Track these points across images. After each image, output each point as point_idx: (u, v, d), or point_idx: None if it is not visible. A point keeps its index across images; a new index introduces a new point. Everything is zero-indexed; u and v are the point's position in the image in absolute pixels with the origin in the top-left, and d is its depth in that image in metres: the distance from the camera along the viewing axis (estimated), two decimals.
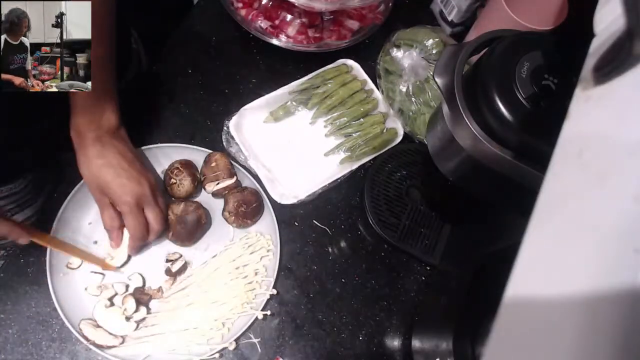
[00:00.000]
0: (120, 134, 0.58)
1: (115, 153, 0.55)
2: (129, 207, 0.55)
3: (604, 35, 0.26)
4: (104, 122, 0.56)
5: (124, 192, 0.54)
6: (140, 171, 0.57)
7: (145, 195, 0.56)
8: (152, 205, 0.57)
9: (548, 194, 0.24)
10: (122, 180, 0.54)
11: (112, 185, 0.54)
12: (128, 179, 0.55)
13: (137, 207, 0.55)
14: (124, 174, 0.55)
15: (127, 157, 0.56)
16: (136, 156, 0.58)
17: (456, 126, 0.45)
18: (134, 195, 0.55)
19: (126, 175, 0.55)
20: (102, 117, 0.55)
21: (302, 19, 0.75)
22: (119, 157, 0.55)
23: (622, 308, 0.17)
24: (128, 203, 0.54)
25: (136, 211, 0.55)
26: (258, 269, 0.62)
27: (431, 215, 0.68)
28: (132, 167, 0.56)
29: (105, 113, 0.56)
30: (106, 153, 0.55)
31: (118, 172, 0.54)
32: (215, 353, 0.58)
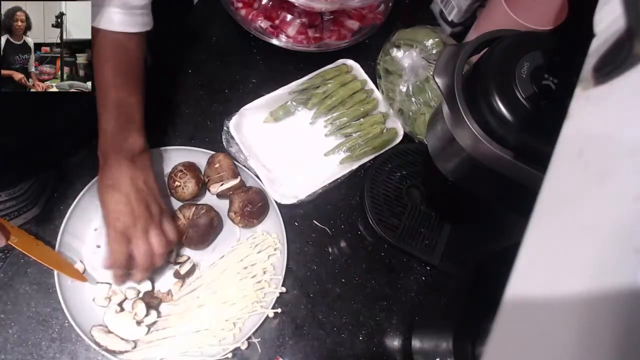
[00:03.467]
0: (142, 159, 0.58)
1: (127, 179, 0.55)
2: (113, 232, 0.54)
3: (604, 35, 0.26)
4: (127, 146, 0.56)
5: (114, 218, 0.54)
6: (143, 202, 0.55)
7: (133, 227, 0.54)
8: (138, 237, 0.54)
9: (548, 194, 0.24)
10: (118, 207, 0.54)
11: (107, 207, 0.54)
12: (124, 207, 0.54)
13: (122, 235, 0.54)
14: (124, 200, 0.54)
15: (137, 185, 0.56)
16: (149, 186, 0.57)
17: (456, 126, 0.45)
18: (122, 223, 0.54)
19: (125, 203, 0.54)
20: (126, 141, 0.57)
21: (302, 19, 0.75)
22: (129, 183, 0.55)
23: (622, 308, 0.17)
24: (114, 228, 0.54)
25: (120, 239, 0.54)
26: (266, 267, 0.63)
27: (431, 215, 0.68)
28: (137, 196, 0.55)
29: (129, 138, 0.57)
30: (119, 176, 0.55)
31: (120, 198, 0.54)
32: (228, 353, 0.58)
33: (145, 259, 0.55)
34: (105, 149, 0.56)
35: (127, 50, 0.57)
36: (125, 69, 0.57)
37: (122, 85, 0.56)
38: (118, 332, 0.57)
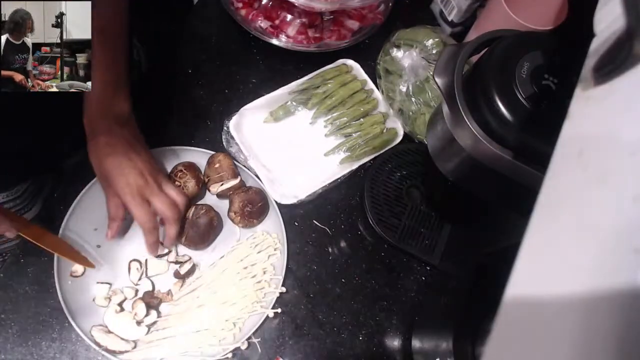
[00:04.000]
0: (131, 124, 0.58)
1: (123, 143, 0.55)
2: (130, 197, 0.54)
3: (604, 35, 0.26)
4: (115, 111, 0.56)
5: (125, 183, 0.54)
6: (145, 161, 0.56)
7: (148, 185, 0.55)
8: (156, 194, 0.56)
9: (548, 194, 0.24)
10: (124, 171, 0.54)
11: (114, 174, 0.54)
12: (131, 170, 0.54)
13: (140, 197, 0.55)
14: (127, 164, 0.54)
15: (135, 148, 0.56)
16: (144, 147, 0.58)
17: (456, 126, 0.45)
18: (134, 186, 0.54)
19: (130, 166, 0.54)
20: (114, 106, 0.56)
21: (302, 19, 0.75)
22: (127, 147, 0.55)
23: (622, 308, 0.17)
24: (129, 193, 0.54)
25: (139, 201, 0.55)
26: (266, 267, 0.63)
27: (431, 215, 0.68)
28: (138, 157, 0.56)
29: (117, 102, 0.56)
30: (114, 142, 0.55)
31: (122, 162, 0.54)
32: (228, 353, 0.58)
33: (173, 210, 0.56)
34: (93, 115, 0.55)
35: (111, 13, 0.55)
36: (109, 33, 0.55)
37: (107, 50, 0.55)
38: (118, 332, 0.57)
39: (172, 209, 0.56)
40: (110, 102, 0.56)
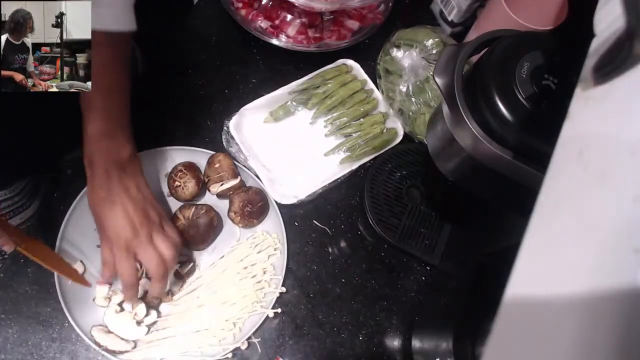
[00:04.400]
0: (132, 166, 0.56)
1: (120, 188, 0.53)
2: (117, 249, 0.52)
3: (604, 35, 0.26)
4: (115, 152, 0.54)
5: (114, 234, 0.52)
6: (141, 210, 0.54)
7: (137, 239, 0.52)
8: (144, 249, 0.53)
9: (548, 194, 0.24)
10: (115, 219, 0.52)
11: (105, 221, 0.52)
12: (121, 219, 0.52)
13: (126, 250, 0.52)
14: (121, 212, 0.52)
15: (132, 194, 0.54)
16: (143, 193, 0.55)
17: (456, 126, 0.45)
18: (123, 237, 0.52)
19: (121, 215, 0.52)
20: (114, 147, 0.54)
21: (302, 19, 0.75)
22: (123, 193, 0.53)
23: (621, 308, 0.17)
24: (117, 245, 0.52)
25: (124, 255, 0.52)
26: (266, 267, 0.63)
27: (431, 215, 0.68)
28: (134, 205, 0.53)
29: (118, 143, 0.54)
30: (111, 187, 0.53)
31: (116, 210, 0.52)
32: (228, 353, 0.58)
33: (159, 268, 0.53)
34: (92, 156, 0.53)
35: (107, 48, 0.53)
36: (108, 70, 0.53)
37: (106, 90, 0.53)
38: (118, 332, 0.57)
39: (158, 266, 0.53)
40: (109, 144, 0.53)
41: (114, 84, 0.54)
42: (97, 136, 0.53)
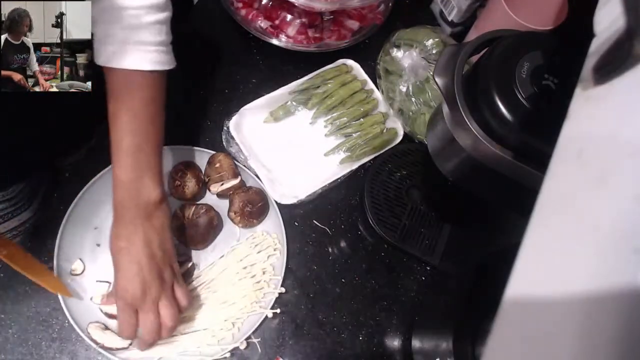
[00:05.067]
0: (159, 215, 0.54)
1: (141, 241, 0.52)
2: (122, 303, 0.51)
3: (604, 35, 0.26)
4: (143, 197, 0.52)
5: (122, 288, 0.51)
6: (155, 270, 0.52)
7: (142, 300, 0.51)
8: (146, 312, 0.51)
9: (548, 194, 0.24)
10: (128, 275, 0.51)
11: (119, 272, 0.52)
12: (135, 277, 0.51)
13: (131, 307, 0.51)
14: (134, 269, 0.51)
15: (152, 250, 0.52)
16: (164, 249, 0.54)
17: (456, 126, 0.45)
18: (129, 295, 0.51)
19: (136, 272, 0.51)
20: (142, 192, 0.52)
21: (302, 19, 0.75)
22: (144, 247, 0.51)
23: (622, 308, 0.17)
24: (122, 299, 0.51)
25: (128, 311, 0.51)
26: (265, 267, 0.62)
27: (431, 215, 0.68)
28: (149, 263, 0.51)
29: (146, 188, 0.53)
30: (133, 238, 0.51)
31: (132, 265, 0.51)
32: (226, 353, 0.58)
33: (152, 336, 0.52)
34: (120, 200, 0.52)
35: (143, 89, 0.52)
36: (141, 110, 0.52)
37: (138, 131, 0.52)
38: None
39: (152, 333, 0.52)
40: (137, 187, 0.52)
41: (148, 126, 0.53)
42: (125, 181, 0.52)
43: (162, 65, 0.52)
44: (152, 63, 0.51)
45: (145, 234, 0.52)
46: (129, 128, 0.52)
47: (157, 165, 0.54)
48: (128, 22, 0.49)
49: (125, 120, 0.51)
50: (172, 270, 0.54)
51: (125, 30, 0.49)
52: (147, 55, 0.51)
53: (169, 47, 0.54)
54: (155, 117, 0.54)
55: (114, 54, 0.50)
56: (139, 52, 0.50)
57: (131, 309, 0.51)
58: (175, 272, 0.55)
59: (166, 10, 0.52)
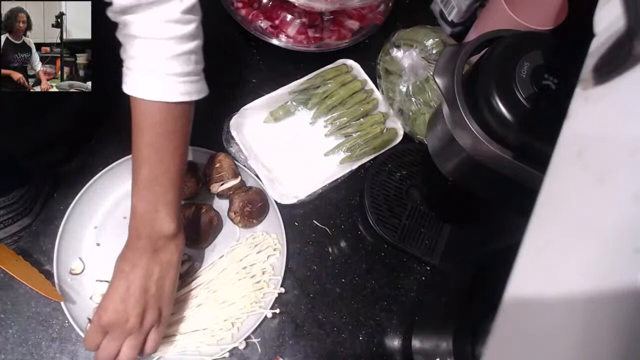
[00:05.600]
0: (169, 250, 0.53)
1: (141, 272, 0.51)
2: (95, 319, 0.50)
3: (604, 35, 0.26)
4: (156, 229, 0.52)
5: (103, 307, 0.50)
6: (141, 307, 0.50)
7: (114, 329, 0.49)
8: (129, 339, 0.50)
9: (548, 194, 0.24)
10: (114, 297, 0.50)
11: (109, 290, 0.51)
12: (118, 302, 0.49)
13: (100, 328, 0.49)
14: (122, 295, 0.50)
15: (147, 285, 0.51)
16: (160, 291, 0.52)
17: (456, 126, 0.45)
18: (105, 318, 0.49)
19: (122, 298, 0.49)
20: (156, 224, 0.51)
21: (302, 19, 0.75)
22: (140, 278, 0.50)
23: (622, 308, 0.17)
24: (96, 315, 0.50)
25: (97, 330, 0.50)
26: (265, 268, 0.63)
27: (431, 215, 0.68)
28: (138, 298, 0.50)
29: (160, 221, 0.52)
30: (136, 264, 0.51)
31: (122, 289, 0.50)
32: (225, 353, 0.58)
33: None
34: (135, 228, 0.52)
35: (167, 122, 0.51)
36: (162, 144, 0.51)
37: (157, 163, 0.51)
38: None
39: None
40: (152, 220, 0.51)
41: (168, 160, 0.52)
42: (141, 212, 0.51)
43: (189, 96, 0.51)
44: (179, 94, 0.50)
45: (148, 265, 0.51)
46: (148, 161, 0.51)
47: (175, 199, 0.53)
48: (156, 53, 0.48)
49: (145, 153, 0.50)
50: (158, 314, 0.52)
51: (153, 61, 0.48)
52: (175, 87, 0.49)
53: (200, 75, 0.53)
54: (177, 151, 0.52)
55: (139, 83, 0.49)
56: (165, 84, 0.49)
57: (101, 329, 0.50)
58: (161, 319, 0.53)
59: (197, 39, 0.51)
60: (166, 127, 0.51)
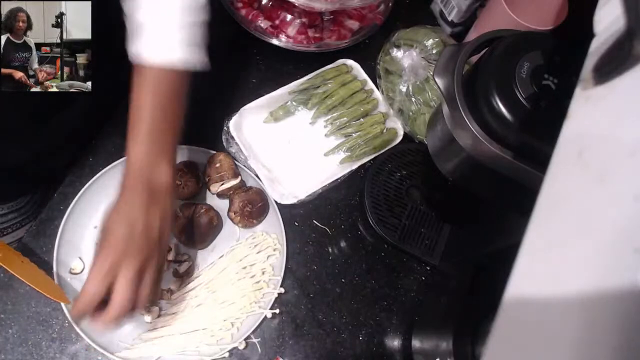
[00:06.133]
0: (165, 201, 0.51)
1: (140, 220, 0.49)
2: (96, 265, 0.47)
3: (604, 35, 0.26)
4: (154, 178, 0.51)
5: (103, 251, 0.47)
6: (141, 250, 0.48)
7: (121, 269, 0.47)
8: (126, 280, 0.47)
9: (548, 194, 0.24)
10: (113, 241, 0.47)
11: (104, 237, 0.48)
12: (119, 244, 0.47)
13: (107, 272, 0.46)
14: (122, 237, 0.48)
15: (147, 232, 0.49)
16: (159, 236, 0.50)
17: (456, 126, 0.45)
18: (109, 260, 0.47)
19: (122, 239, 0.47)
20: (154, 173, 0.51)
21: (302, 19, 0.75)
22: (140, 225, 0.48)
23: (622, 308, 0.17)
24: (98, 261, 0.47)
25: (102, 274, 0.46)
26: (265, 268, 0.63)
27: (431, 215, 0.68)
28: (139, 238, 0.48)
29: (158, 169, 0.51)
30: (131, 212, 0.49)
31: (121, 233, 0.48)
32: (225, 353, 0.58)
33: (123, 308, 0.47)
34: (130, 180, 0.50)
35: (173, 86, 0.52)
36: (166, 104, 0.52)
37: (159, 119, 0.51)
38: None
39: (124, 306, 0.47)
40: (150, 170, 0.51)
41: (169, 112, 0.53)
42: (140, 165, 0.50)
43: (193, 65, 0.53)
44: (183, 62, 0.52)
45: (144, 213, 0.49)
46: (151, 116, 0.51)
47: (173, 151, 0.53)
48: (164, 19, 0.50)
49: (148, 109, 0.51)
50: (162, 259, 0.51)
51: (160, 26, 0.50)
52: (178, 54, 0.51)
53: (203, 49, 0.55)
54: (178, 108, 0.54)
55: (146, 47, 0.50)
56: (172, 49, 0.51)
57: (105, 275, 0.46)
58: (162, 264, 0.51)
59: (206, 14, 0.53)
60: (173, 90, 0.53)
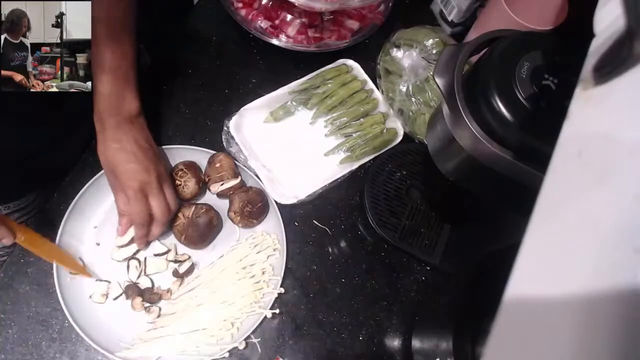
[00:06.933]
0: (139, 121, 0.60)
1: (130, 139, 0.57)
2: (132, 191, 0.56)
3: (604, 35, 0.26)
4: (124, 108, 0.57)
5: (130, 177, 0.56)
6: (151, 159, 0.58)
7: (150, 183, 0.57)
8: (156, 194, 0.57)
9: (548, 194, 0.24)
10: (130, 165, 0.56)
11: (120, 168, 0.56)
12: (137, 165, 0.56)
13: (141, 192, 0.56)
14: (134, 159, 0.56)
15: (141, 144, 0.58)
16: (151, 145, 0.60)
17: (456, 126, 0.45)
18: (139, 180, 0.56)
19: (136, 161, 0.56)
20: (123, 103, 0.57)
21: (302, 19, 0.75)
22: (134, 143, 0.57)
23: (622, 308, 0.17)
24: (132, 187, 0.55)
25: (140, 197, 0.56)
26: (265, 268, 0.63)
27: (431, 215, 0.68)
28: (144, 154, 0.57)
29: (126, 100, 0.58)
30: (122, 138, 0.56)
31: (129, 157, 0.56)
32: (225, 353, 0.58)
33: (166, 214, 0.58)
34: (103, 112, 0.56)
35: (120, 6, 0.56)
36: (118, 28, 0.56)
37: (116, 46, 0.56)
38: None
39: (165, 213, 0.58)
40: (118, 99, 0.57)
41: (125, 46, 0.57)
42: (108, 95, 0.56)
43: None
44: None
45: (131, 132, 0.57)
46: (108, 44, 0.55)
47: (135, 78, 0.59)
48: None
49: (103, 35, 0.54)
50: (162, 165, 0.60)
51: None
52: None
53: None
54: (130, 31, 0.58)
55: None
56: None
57: (142, 194, 0.56)
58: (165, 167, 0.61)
59: None
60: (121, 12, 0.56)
